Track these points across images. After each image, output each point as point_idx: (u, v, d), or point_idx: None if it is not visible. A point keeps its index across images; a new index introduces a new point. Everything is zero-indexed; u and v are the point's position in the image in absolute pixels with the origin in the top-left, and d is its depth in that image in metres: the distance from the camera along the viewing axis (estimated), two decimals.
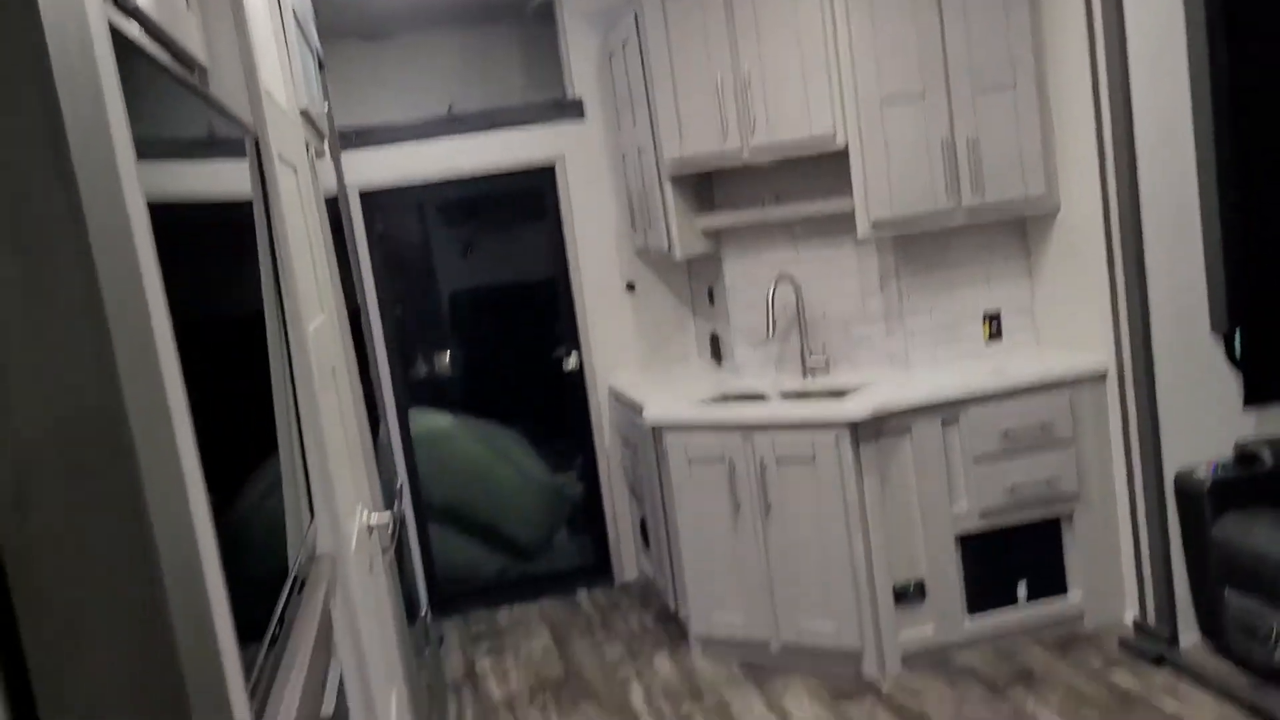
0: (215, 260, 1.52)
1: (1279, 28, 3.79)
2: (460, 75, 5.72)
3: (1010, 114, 4.17)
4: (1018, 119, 4.17)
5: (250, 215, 1.76)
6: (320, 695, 1.62)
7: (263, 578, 1.44)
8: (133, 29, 1.15)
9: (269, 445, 1.61)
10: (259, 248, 1.78)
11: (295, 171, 2.29)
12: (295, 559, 1.66)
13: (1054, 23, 4.09)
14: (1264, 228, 3.83)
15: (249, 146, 1.77)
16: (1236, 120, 3.77)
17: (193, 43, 1.57)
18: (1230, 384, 3.89)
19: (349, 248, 4.29)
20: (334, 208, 3.42)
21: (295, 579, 1.65)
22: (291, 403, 1.84)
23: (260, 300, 1.71)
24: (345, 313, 2.84)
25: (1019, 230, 4.50)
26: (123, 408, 0.78)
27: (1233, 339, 3.86)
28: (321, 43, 4.25)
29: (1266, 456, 3.69)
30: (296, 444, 1.83)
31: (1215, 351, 3.88)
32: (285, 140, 2.14)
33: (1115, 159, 3.85)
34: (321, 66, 4.08)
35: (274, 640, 1.39)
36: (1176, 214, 3.82)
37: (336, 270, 2.86)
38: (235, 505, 1.32)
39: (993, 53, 4.13)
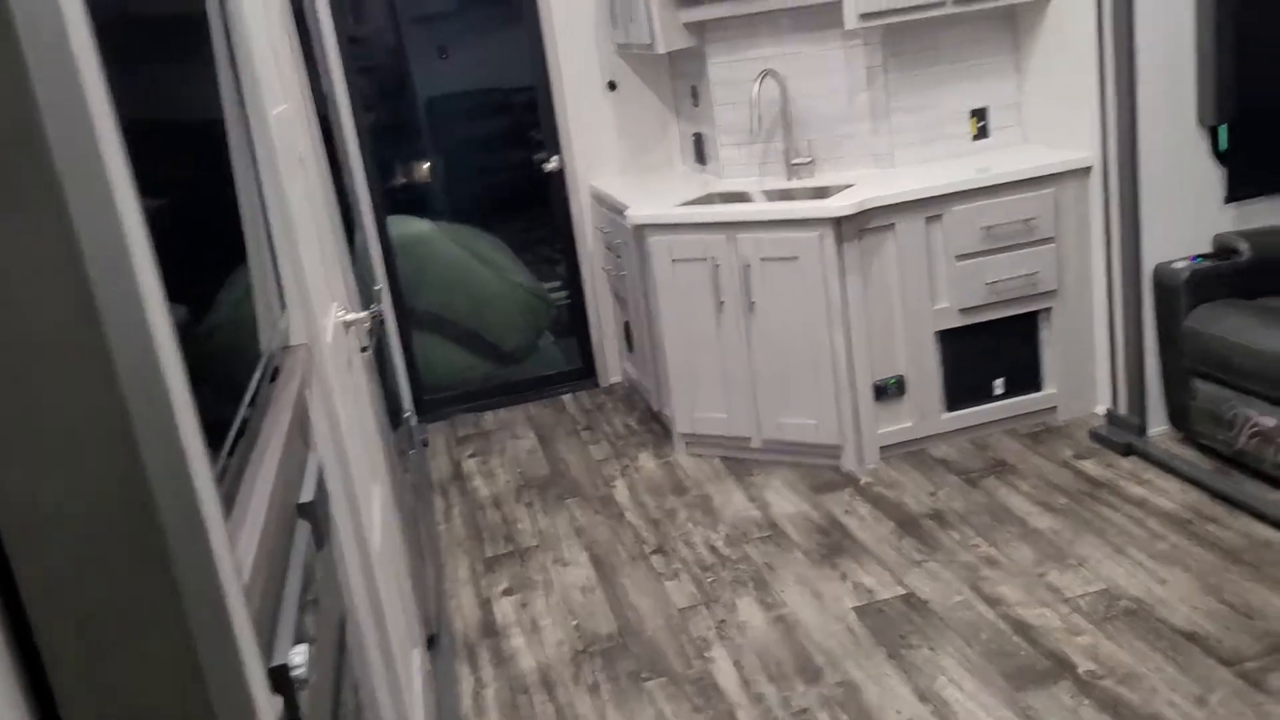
0: (164, 46, 1.45)
1: None
2: None
3: None
4: None
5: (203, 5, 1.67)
6: (298, 483, 1.65)
7: (230, 362, 1.44)
8: None
9: (233, 231, 1.58)
10: (212, 33, 1.70)
11: None
12: (266, 346, 1.66)
13: None
14: (1257, 21, 3.71)
15: None
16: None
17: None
18: (1214, 179, 3.86)
19: (315, 46, 4.13)
20: (298, 3, 3.27)
21: (267, 366, 1.66)
22: (256, 189, 1.80)
23: (215, 82, 1.65)
24: (313, 110, 2.76)
25: (1009, 22, 4.35)
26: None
27: (1218, 134, 3.80)
28: None
29: (1244, 249, 3.69)
30: (264, 232, 1.80)
31: (1200, 146, 3.82)
32: None
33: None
34: None
35: (244, 426, 1.40)
36: (1170, 3, 3.69)
37: (302, 67, 2.76)
38: (195, 283, 1.31)
39: None
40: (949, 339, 4.15)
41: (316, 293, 2.06)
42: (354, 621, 1.95)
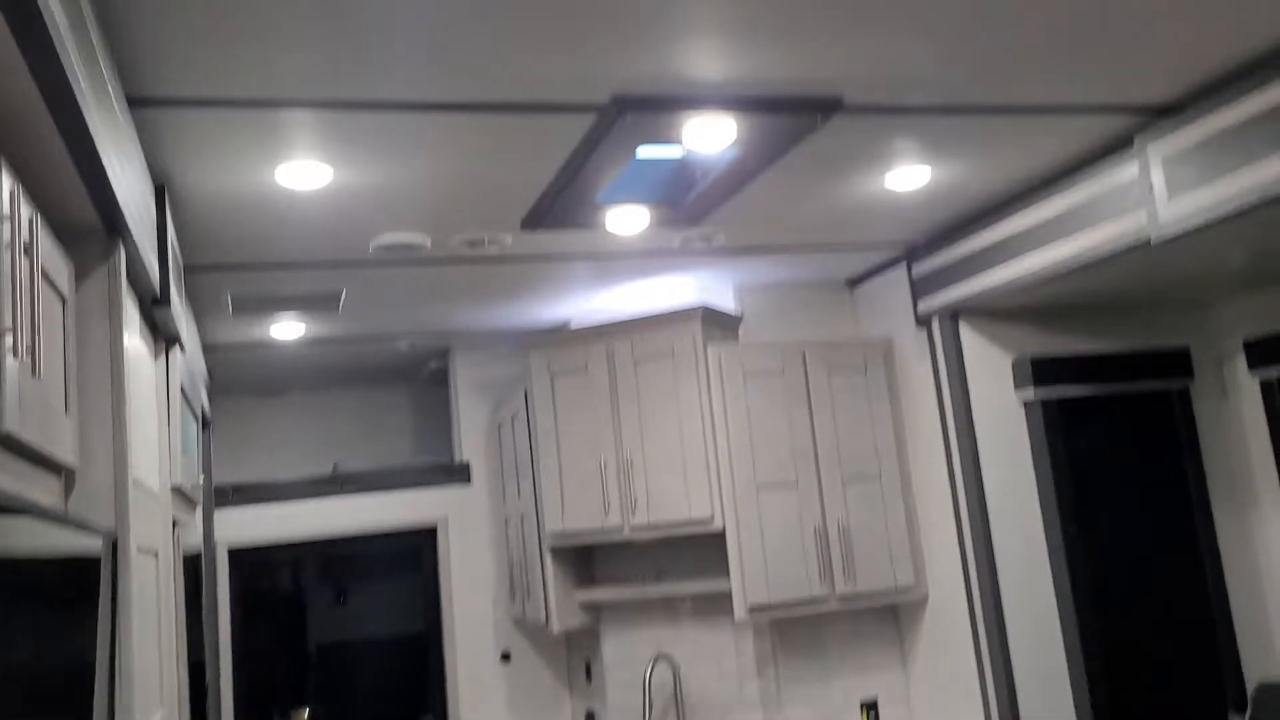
0: (43, 665, 1.46)
1: (1098, 441, 4.15)
2: (350, 433, 5.81)
3: (878, 504, 4.37)
4: (885, 509, 4.37)
5: (94, 612, 1.71)
6: None
7: None
8: None
9: None
10: (99, 650, 1.71)
11: (156, 555, 2.26)
12: None
13: (913, 419, 4.39)
14: (1115, 627, 3.98)
15: (104, 546, 1.75)
16: (1077, 521, 4.02)
17: (63, 447, 1.59)
18: None
19: (205, 606, 4.13)
20: (196, 564, 3.33)
21: None
22: None
23: (89, 709, 1.63)
24: (187, 691, 2.69)
25: (892, 617, 4.58)
26: None
27: None
28: (213, 400, 4.32)
29: None
30: None
31: None
32: (148, 528, 2.12)
33: (975, 554, 4.02)
34: (206, 426, 4.12)
35: None
36: (1037, 611, 3.96)
37: (185, 644, 2.75)
38: None
39: (859, 444, 4.39)
40: None
41: None
42: None
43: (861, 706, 4.47)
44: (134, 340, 2.12)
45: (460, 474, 5.36)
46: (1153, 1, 2.27)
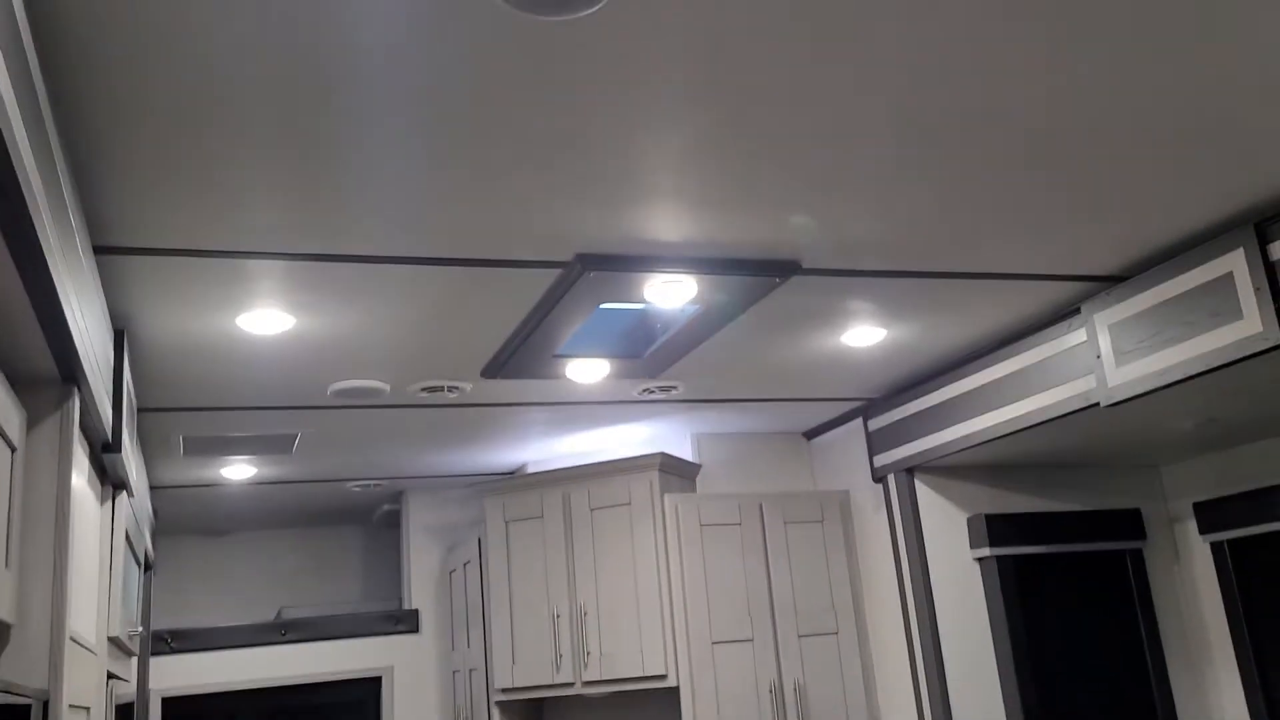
0: None
1: (1052, 597, 4.15)
2: (296, 574, 5.67)
3: (834, 659, 4.30)
4: (841, 664, 4.30)
5: None
6: None
7: None
8: None
9: None
10: None
11: (88, 711, 2.16)
12: None
13: (869, 572, 4.37)
14: None
15: (35, 707, 1.68)
16: (1032, 677, 3.98)
17: (1, 606, 1.54)
18: None
19: None
20: (128, 714, 3.19)
21: None
22: None
23: None
24: None
25: None
26: None
27: None
28: (156, 540, 4.21)
29: None
30: None
31: None
32: (81, 684, 2.04)
33: (932, 713, 3.95)
34: (149, 568, 4.01)
35: None
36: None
37: None
38: None
39: (816, 597, 4.34)
40: None
41: None
42: None
43: None
44: (82, 486, 2.07)
45: (409, 622, 5.22)
46: (1095, 179, 2.38)
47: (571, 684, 4.26)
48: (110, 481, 2.53)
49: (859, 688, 4.29)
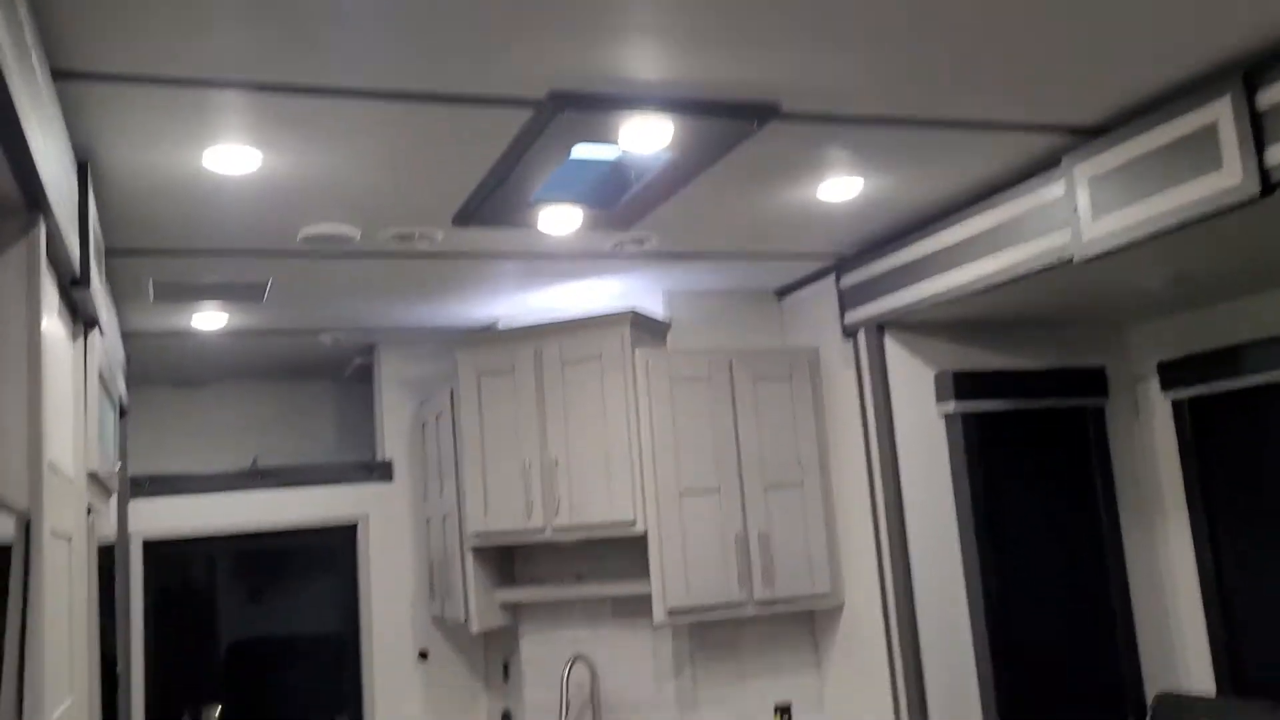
0: None
1: (1014, 455, 4.26)
2: (270, 427, 5.71)
3: (799, 511, 4.42)
4: (805, 517, 4.42)
5: (3, 596, 1.66)
6: None
7: None
8: None
9: None
10: (8, 635, 1.66)
11: (69, 541, 2.19)
12: None
13: (836, 429, 4.45)
14: (1024, 647, 4.09)
15: (17, 528, 1.70)
16: (991, 533, 4.13)
17: None
18: None
19: (119, 598, 4.03)
20: (109, 556, 3.25)
21: None
22: None
23: None
24: (98, 687, 2.62)
25: (808, 623, 4.63)
26: None
27: None
28: (130, 388, 4.21)
29: None
30: None
31: None
32: (62, 513, 2.06)
33: (891, 563, 4.09)
34: (124, 414, 4.02)
35: None
36: (948, 620, 4.05)
37: (97, 636, 2.67)
38: None
39: (783, 453, 4.43)
40: None
41: None
42: None
43: (775, 709, 4.51)
44: (52, 321, 2.06)
45: (382, 472, 5.29)
46: (1083, 26, 2.34)
47: (542, 530, 4.36)
48: (81, 319, 2.51)
49: (821, 539, 4.42)
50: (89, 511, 2.56)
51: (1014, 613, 4.10)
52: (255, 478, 5.12)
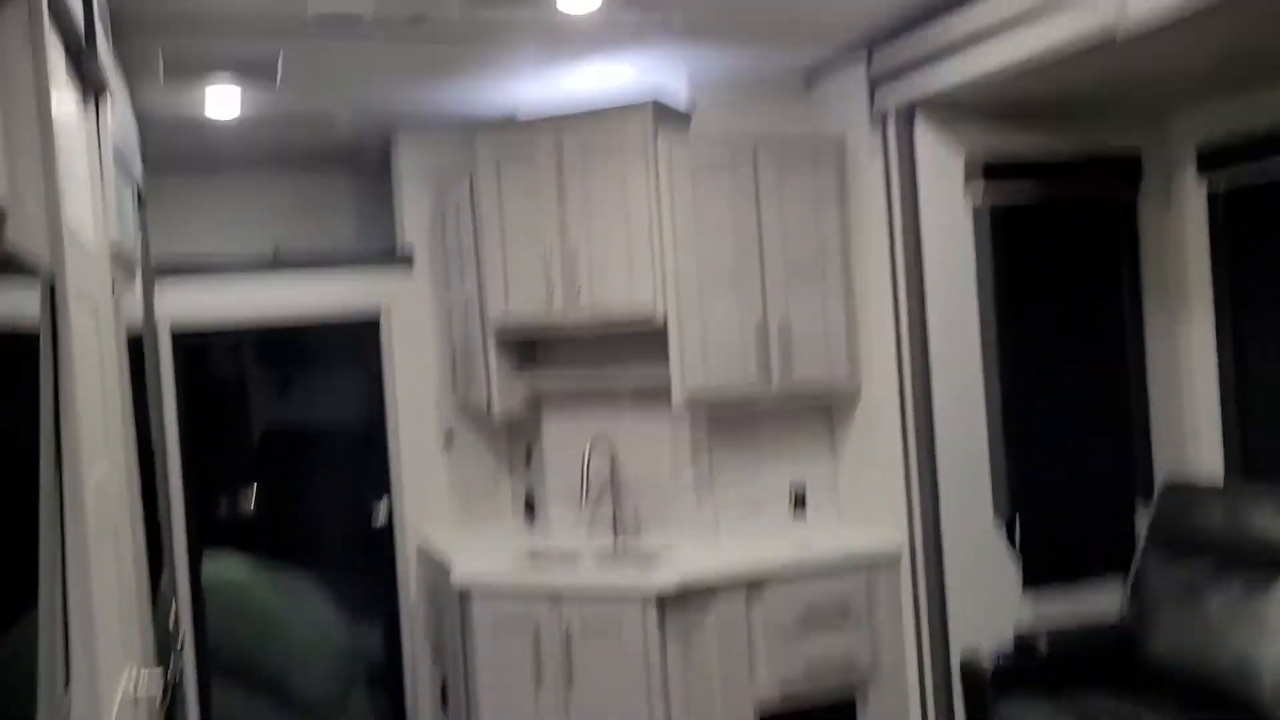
0: None
1: (1040, 248, 4.20)
2: (289, 217, 5.68)
3: (819, 302, 4.42)
4: (826, 307, 4.42)
5: (34, 359, 1.68)
6: None
7: None
8: None
9: (25, 599, 1.50)
10: (41, 395, 1.69)
11: (96, 312, 2.21)
12: None
13: (860, 220, 4.39)
14: (1040, 427, 4.15)
15: (43, 288, 1.71)
16: (1016, 329, 4.12)
17: None
18: (1011, 568, 4.12)
19: (150, 384, 4.12)
20: (138, 343, 3.30)
21: None
22: (59, 560, 1.72)
23: (35, 451, 1.62)
24: (134, 458, 2.70)
25: (824, 411, 4.71)
26: None
27: (1013, 525, 4.11)
28: (146, 176, 4.17)
29: (1042, 646, 3.88)
30: (59, 613, 1.70)
31: (998, 535, 4.11)
32: (86, 279, 2.07)
33: (910, 352, 4.11)
34: (141, 200, 3.99)
35: None
36: (965, 406, 4.10)
37: (131, 412, 2.74)
38: None
39: (805, 244, 4.40)
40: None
41: (109, 670, 1.93)
42: None
43: (790, 490, 4.65)
44: (60, 81, 2.01)
45: (403, 260, 5.30)
46: None
47: (563, 320, 4.39)
48: (91, 86, 2.45)
49: (841, 329, 4.43)
50: (114, 290, 2.58)
51: (1030, 403, 4.15)
52: (278, 263, 5.13)
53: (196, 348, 5.16)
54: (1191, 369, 4.38)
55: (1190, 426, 4.39)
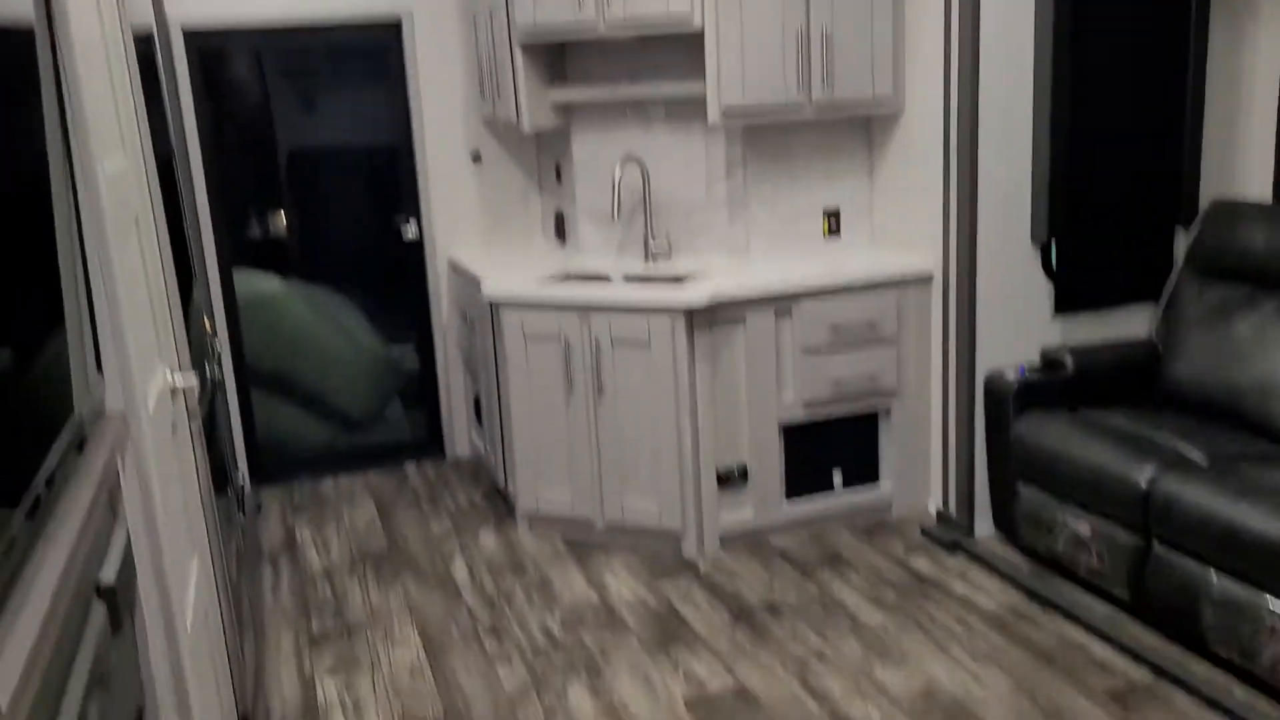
0: None
1: None
2: None
3: (865, 10, 4.16)
4: (872, 16, 4.17)
5: (30, 44, 1.60)
6: (99, 561, 1.55)
7: (28, 429, 1.35)
8: None
9: (48, 292, 1.49)
10: (41, 79, 1.62)
11: (98, 6, 2.10)
12: (75, 415, 1.57)
13: None
14: (1087, 147, 3.98)
15: None
16: (1072, 45, 3.87)
17: None
18: (1043, 293, 4.08)
19: (165, 90, 4.00)
20: (149, 46, 3.16)
21: (75, 435, 1.56)
22: (78, 250, 1.71)
23: (42, 137, 1.57)
24: (153, 159, 2.65)
25: (863, 130, 4.54)
26: None
27: (1049, 250, 4.03)
28: None
29: (1069, 362, 3.90)
30: (83, 296, 1.71)
31: (1032, 261, 4.04)
32: None
33: (959, 69, 3.90)
34: None
35: (38, 502, 1.31)
36: (1010, 127, 3.93)
37: (144, 112, 2.66)
38: None
39: None
40: (792, 431, 4.23)
41: (140, 358, 1.96)
42: (153, 710, 1.83)
43: (824, 213, 4.57)
44: None
45: None
46: None
47: (595, 22, 4.18)
48: None
49: (888, 41, 4.20)
50: None
51: (1080, 126, 3.95)
52: None
53: (212, 52, 4.99)
54: (1253, 90, 4.14)
55: (1243, 149, 4.20)
